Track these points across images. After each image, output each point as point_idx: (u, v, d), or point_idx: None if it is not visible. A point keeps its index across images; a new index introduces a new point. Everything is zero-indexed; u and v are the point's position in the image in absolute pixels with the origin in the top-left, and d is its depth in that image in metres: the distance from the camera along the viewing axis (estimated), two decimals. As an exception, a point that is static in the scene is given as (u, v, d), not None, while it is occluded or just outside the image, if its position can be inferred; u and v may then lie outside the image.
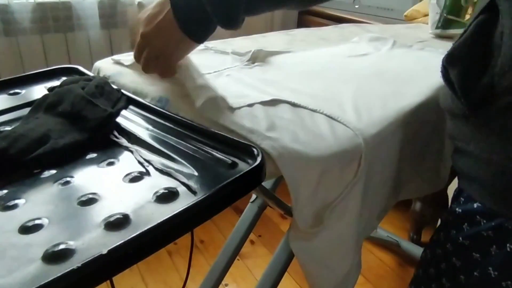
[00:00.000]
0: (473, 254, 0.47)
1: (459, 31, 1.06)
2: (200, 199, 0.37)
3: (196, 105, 0.53)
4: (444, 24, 1.09)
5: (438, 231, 0.55)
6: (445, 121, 0.68)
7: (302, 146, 0.48)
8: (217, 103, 0.54)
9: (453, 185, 0.57)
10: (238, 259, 1.35)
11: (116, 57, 0.74)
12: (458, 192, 0.51)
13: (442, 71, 0.49)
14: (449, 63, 0.47)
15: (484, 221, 0.46)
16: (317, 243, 0.54)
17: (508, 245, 0.43)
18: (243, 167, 0.42)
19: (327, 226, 0.52)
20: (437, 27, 1.10)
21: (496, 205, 0.45)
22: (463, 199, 0.49)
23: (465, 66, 0.45)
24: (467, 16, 1.08)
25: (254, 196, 1.05)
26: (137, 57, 0.59)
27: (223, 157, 0.44)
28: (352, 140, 0.51)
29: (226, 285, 1.37)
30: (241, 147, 0.45)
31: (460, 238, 0.49)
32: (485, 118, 0.45)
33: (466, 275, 0.48)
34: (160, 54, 0.56)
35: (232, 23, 0.51)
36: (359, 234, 0.57)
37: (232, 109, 0.54)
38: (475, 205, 0.47)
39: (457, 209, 0.50)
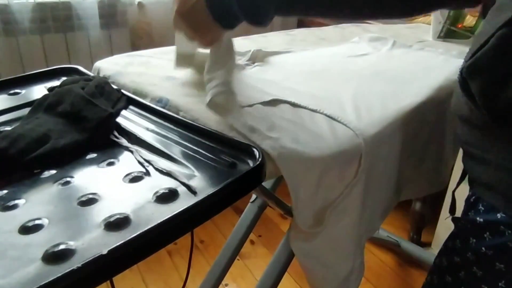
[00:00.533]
0: (497, 264, 0.46)
1: (460, 41, 1.07)
2: (200, 199, 0.37)
3: (205, 99, 0.53)
4: (447, 34, 1.10)
5: (453, 238, 0.53)
6: (446, 122, 0.68)
7: (302, 146, 0.48)
8: (224, 100, 0.53)
9: (461, 190, 0.56)
10: (238, 259, 1.35)
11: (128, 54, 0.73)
12: (475, 200, 0.50)
13: (460, 82, 0.48)
14: (469, 74, 0.46)
15: (510, 231, 0.45)
16: (318, 243, 0.54)
17: None
18: (243, 167, 0.42)
19: (327, 226, 0.52)
20: (439, 37, 1.11)
21: None
22: (483, 208, 0.49)
23: (487, 78, 0.44)
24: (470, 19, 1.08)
25: (254, 196, 1.05)
26: (176, 28, 0.59)
27: (223, 157, 0.44)
28: (352, 140, 0.51)
29: (226, 285, 1.37)
30: (241, 147, 0.45)
31: (483, 248, 0.48)
32: (508, 128, 0.44)
33: (490, 285, 0.48)
34: (196, 29, 0.56)
35: (259, 21, 0.52)
36: (361, 234, 0.57)
37: (237, 108, 0.54)
38: (498, 216, 0.46)
39: (477, 218, 0.49)
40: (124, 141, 0.49)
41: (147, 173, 0.43)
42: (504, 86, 0.42)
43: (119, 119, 0.53)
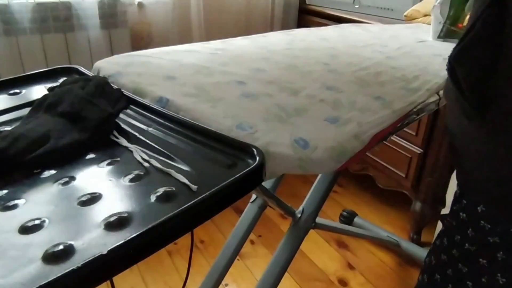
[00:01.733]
0: (480, 260, 0.46)
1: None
2: (200, 199, 0.37)
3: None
4: (446, 34, 1.10)
5: (441, 236, 0.54)
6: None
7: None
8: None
9: (452, 189, 0.56)
10: (238, 259, 1.35)
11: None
12: (459, 195, 0.51)
13: (448, 69, 0.47)
14: (457, 61, 0.45)
15: (489, 226, 0.45)
16: None
17: None
18: (243, 167, 0.42)
19: None
20: (439, 37, 1.11)
21: (500, 210, 0.44)
22: (465, 201, 0.49)
23: (474, 64, 0.44)
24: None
25: (254, 196, 1.05)
26: None
27: (223, 157, 0.44)
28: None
29: (226, 285, 1.37)
30: (241, 147, 0.45)
31: (466, 244, 0.48)
32: (490, 119, 0.44)
33: (474, 281, 0.47)
34: None
35: None
36: None
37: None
38: (478, 209, 0.46)
39: (460, 213, 0.49)
40: (124, 141, 0.49)
41: (147, 173, 0.43)
42: (493, 68, 0.41)
43: (119, 119, 0.53)
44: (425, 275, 0.56)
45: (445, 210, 1.45)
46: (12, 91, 0.62)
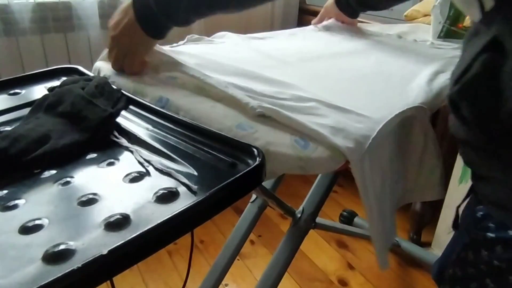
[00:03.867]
0: (510, 278, 0.46)
1: (460, 41, 1.07)
2: (200, 199, 0.37)
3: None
4: (447, 34, 1.10)
5: (465, 249, 0.53)
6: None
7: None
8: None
9: (452, 189, 0.56)
10: (238, 259, 1.35)
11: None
12: (483, 217, 0.50)
13: (451, 107, 0.48)
14: (460, 98, 0.46)
15: None
16: None
17: None
18: (243, 167, 0.42)
19: None
20: (439, 37, 1.11)
21: None
22: (493, 226, 0.49)
23: (478, 101, 0.44)
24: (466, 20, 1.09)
25: (254, 196, 1.05)
26: (109, 57, 0.68)
27: (223, 157, 0.44)
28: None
29: (226, 285, 1.37)
30: (241, 147, 0.45)
31: (495, 261, 0.48)
32: (507, 148, 0.44)
33: None
34: (127, 51, 0.65)
35: (176, 21, 0.63)
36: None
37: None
38: (510, 233, 0.46)
39: (488, 234, 0.49)
40: (124, 141, 0.49)
41: (147, 173, 0.43)
42: (497, 108, 0.42)
43: (119, 119, 0.53)
44: (445, 286, 0.57)
45: (445, 211, 1.45)
46: (12, 91, 0.62)
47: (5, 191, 0.40)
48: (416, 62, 0.84)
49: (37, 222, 0.36)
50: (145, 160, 0.45)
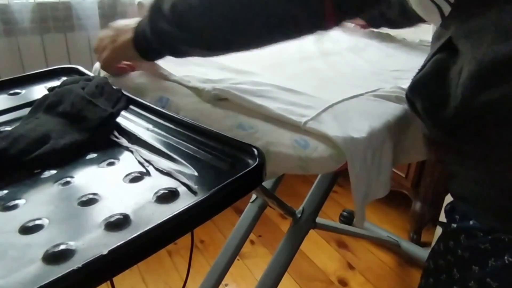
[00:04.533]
0: (472, 267, 0.47)
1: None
2: (200, 199, 0.37)
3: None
4: None
5: (438, 242, 0.55)
6: None
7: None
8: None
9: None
10: (238, 259, 1.35)
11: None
12: (450, 209, 0.52)
13: (408, 103, 0.51)
14: (413, 96, 0.50)
15: (481, 234, 0.46)
16: None
17: (506, 257, 0.44)
18: (243, 167, 0.42)
19: None
20: None
21: (491, 222, 0.46)
22: (458, 217, 0.50)
23: (427, 98, 0.48)
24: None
25: (254, 196, 1.05)
26: (98, 50, 0.67)
27: (223, 157, 0.44)
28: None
29: (226, 285, 1.37)
30: (241, 147, 0.45)
31: (459, 251, 0.49)
32: (461, 140, 0.46)
33: (462, 286, 0.48)
34: (118, 58, 0.65)
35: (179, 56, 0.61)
36: None
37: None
38: (471, 222, 0.48)
39: (452, 224, 0.51)
40: (124, 141, 0.49)
41: (147, 173, 0.43)
42: (443, 105, 0.45)
43: (119, 119, 0.53)
44: (422, 280, 0.57)
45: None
46: (12, 91, 0.62)
47: (5, 191, 0.40)
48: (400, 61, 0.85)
49: (37, 222, 0.36)
50: (145, 160, 0.45)
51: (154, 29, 0.58)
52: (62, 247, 0.32)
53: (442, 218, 1.46)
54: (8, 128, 0.49)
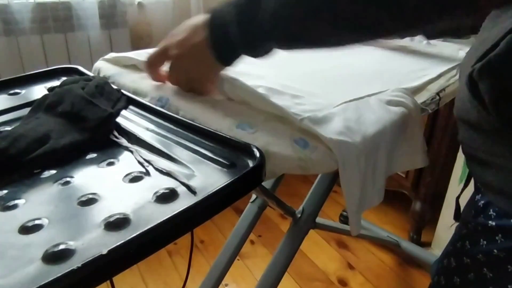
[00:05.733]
0: (508, 267, 0.46)
1: (460, 41, 1.07)
2: (200, 199, 0.37)
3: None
4: None
5: (462, 240, 0.53)
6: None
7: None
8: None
9: (452, 189, 0.55)
10: (238, 259, 1.36)
11: (115, 55, 0.74)
12: (485, 205, 0.50)
13: (468, 84, 0.46)
14: (480, 76, 0.45)
15: None
16: None
17: None
18: (243, 167, 0.42)
19: None
20: None
21: None
22: (494, 214, 0.48)
23: (499, 80, 0.43)
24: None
25: (254, 196, 1.05)
26: (170, 76, 0.61)
27: (223, 157, 0.44)
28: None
29: (226, 285, 1.37)
30: (241, 147, 0.45)
31: (495, 250, 0.47)
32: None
33: (499, 287, 0.47)
34: (193, 75, 0.59)
35: (256, 53, 0.54)
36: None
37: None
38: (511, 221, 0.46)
39: (489, 222, 0.49)
40: (124, 141, 0.49)
41: (147, 173, 0.43)
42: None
43: (119, 119, 0.53)
44: (441, 277, 0.56)
45: (445, 211, 1.45)
46: (12, 91, 0.62)
47: (5, 191, 0.40)
48: (409, 62, 0.84)
49: (37, 222, 0.36)
50: (145, 160, 0.45)
51: (258, 11, 0.49)
52: (61, 247, 0.32)
53: (443, 217, 1.46)
54: (8, 128, 0.49)
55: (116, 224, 0.35)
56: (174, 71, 0.59)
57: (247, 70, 0.67)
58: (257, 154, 0.43)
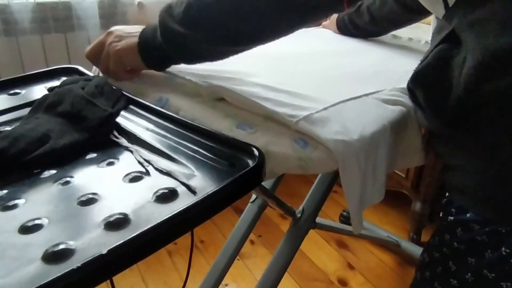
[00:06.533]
0: (468, 259, 0.47)
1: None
2: (200, 199, 0.37)
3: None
4: None
5: (433, 236, 0.55)
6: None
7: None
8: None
9: None
10: (238, 259, 1.35)
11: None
12: (446, 203, 0.52)
13: (409, 95, 0.52)
14: (414, 86, 0.50)
15: (478, 227, 0.47)
16: None
17: (503, 249, 0.44)
18: (243, 167, 0.42)
19: None
20: None
21: (489, 214, 0.46)
22: (454, 210, 0.50)
23: (429, 89, 0.48)
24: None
25: (254, 196, 1.05)
26: (92, 53, 0.68)
27: (223, 157, 0.44)
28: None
29: (226, 285, 1.37)
30: (241, 147, 0.45)
31: (455, 243, 0.49)
32: (463, 130, 0.46)
33: (459, 279, 0.48)
34: (120, 65, 0.63)
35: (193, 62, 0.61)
36: None
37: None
38: (467, 215, 0.48)
39: (449, 217, 0.51)
40: (124, 141, 0.49)
41: (147, 173, 0.43)
42: (445, 95, 0.45)
43: (119, 119, 0.53)
44: (418, 273, 0.58)
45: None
46: (12, 91, 0.62)
47: (5, 191, 0.40)
48: (407, 61, 0.84)
49: (37, 221, 0.36)
50: (145, 160, 0.45)
51: (166, 32, 0.57)
52: (61, 246, 0.32)
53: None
54: (8, 128, 0.49)
55: (116, 224, 0.35)
56: (106, 58, 0.64)
57: (246, 70, 0.67)
58: (257, 154, 0.43)
